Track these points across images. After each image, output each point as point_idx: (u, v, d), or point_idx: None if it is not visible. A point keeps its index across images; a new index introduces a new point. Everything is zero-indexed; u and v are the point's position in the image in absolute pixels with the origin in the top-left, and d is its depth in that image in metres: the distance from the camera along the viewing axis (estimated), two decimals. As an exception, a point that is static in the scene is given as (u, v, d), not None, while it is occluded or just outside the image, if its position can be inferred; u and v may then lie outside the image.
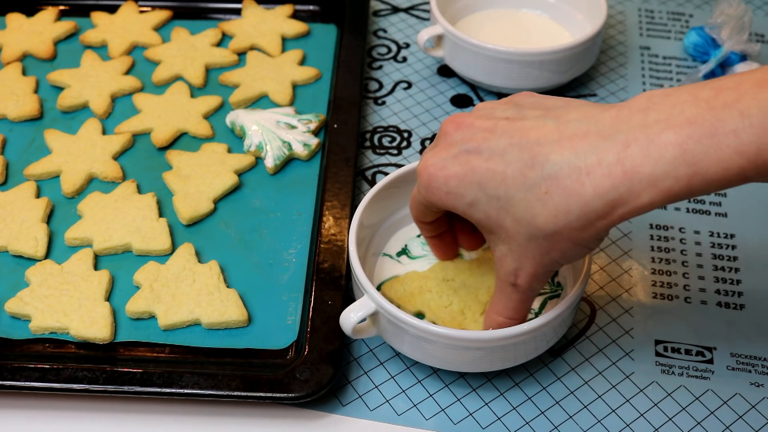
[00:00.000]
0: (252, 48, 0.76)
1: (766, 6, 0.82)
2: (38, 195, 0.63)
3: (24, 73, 0.73)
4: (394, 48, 0.78)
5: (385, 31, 0.80)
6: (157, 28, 0.78)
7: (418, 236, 0.57)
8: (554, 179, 0.40)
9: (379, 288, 0.53)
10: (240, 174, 0.64)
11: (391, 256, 0.56)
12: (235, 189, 0.63)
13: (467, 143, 0.43)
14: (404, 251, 0.57)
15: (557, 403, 0.51)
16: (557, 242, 0.41)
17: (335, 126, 0.66)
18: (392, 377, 0.53)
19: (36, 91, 0.72)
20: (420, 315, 0.52)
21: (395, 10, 0.82)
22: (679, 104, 0.38)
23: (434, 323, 0.51)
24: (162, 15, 0.78)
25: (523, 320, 0.47)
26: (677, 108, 0.38)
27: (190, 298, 0.55)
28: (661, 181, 0.38)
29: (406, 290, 0.52)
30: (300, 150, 0.65)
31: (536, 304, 0.53)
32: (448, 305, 0.52)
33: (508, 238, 0.43)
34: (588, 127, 0.40)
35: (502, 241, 0.43)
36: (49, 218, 0.61)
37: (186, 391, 0.49)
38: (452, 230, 0.53)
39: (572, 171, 0.39)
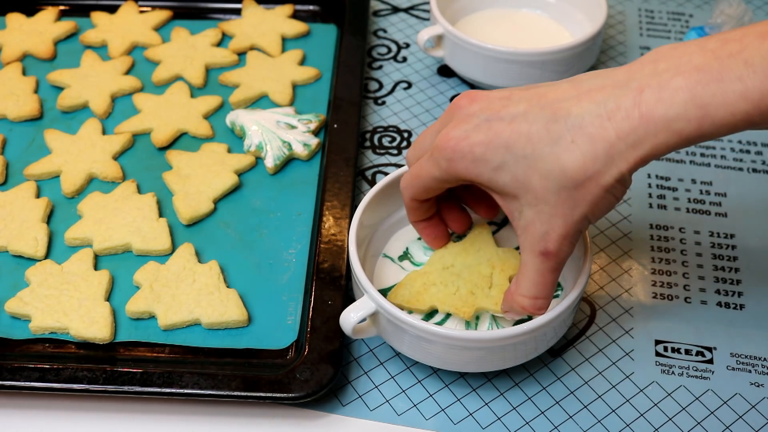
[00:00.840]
0: (252, 48, 0.76)
1: (766, 6, 0.82)
2: (38, 195, 0.63)
3: (24, 73, 0.73)
4: (394, 48, 0.78)
5: (385, 31, 0.80)
6: (157, 28, 0.78)
7: (419, 239, 0.57)
8: (578, 128, 0.41)
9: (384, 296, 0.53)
10: (240, 174, 0.64)
11: (392, 259, 0.56)
12: (235, 189, 0.63)
13: (485, 112, 0.44)
14: (406, 255, 0.56)
15: (557, 403, 0.51)
16: (587, 191, 0.42)
17: (335, 126, 0.66)
18: (392, 377, 0.53)
19: (36, 91, 0.72)
20: (434, 310, 0.52)
21: (395, 10, 0.82)
22: (687, 54, 0.40)
23: (450, 314, 0.51)
24: (162, 15, 0.78)
25: (550, 299, 0.46)
26: (685, 57, 0.40)
27: (190, 298, 0.55)
28: (673, 122, 0.40)
29: (412, 291, 0.52)
30: (300, 150, 0.65)
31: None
32: (456, 291, 0.51)
33: (535, 199, 0.43)
34: (603, 81, 0.42)
35: (529, 205, 0.43)
36: (49, 218, 0.61)
37: (186, 391, 0.49)
38: (439, 214, 0.53)
39: (595, 119, 0.41)
